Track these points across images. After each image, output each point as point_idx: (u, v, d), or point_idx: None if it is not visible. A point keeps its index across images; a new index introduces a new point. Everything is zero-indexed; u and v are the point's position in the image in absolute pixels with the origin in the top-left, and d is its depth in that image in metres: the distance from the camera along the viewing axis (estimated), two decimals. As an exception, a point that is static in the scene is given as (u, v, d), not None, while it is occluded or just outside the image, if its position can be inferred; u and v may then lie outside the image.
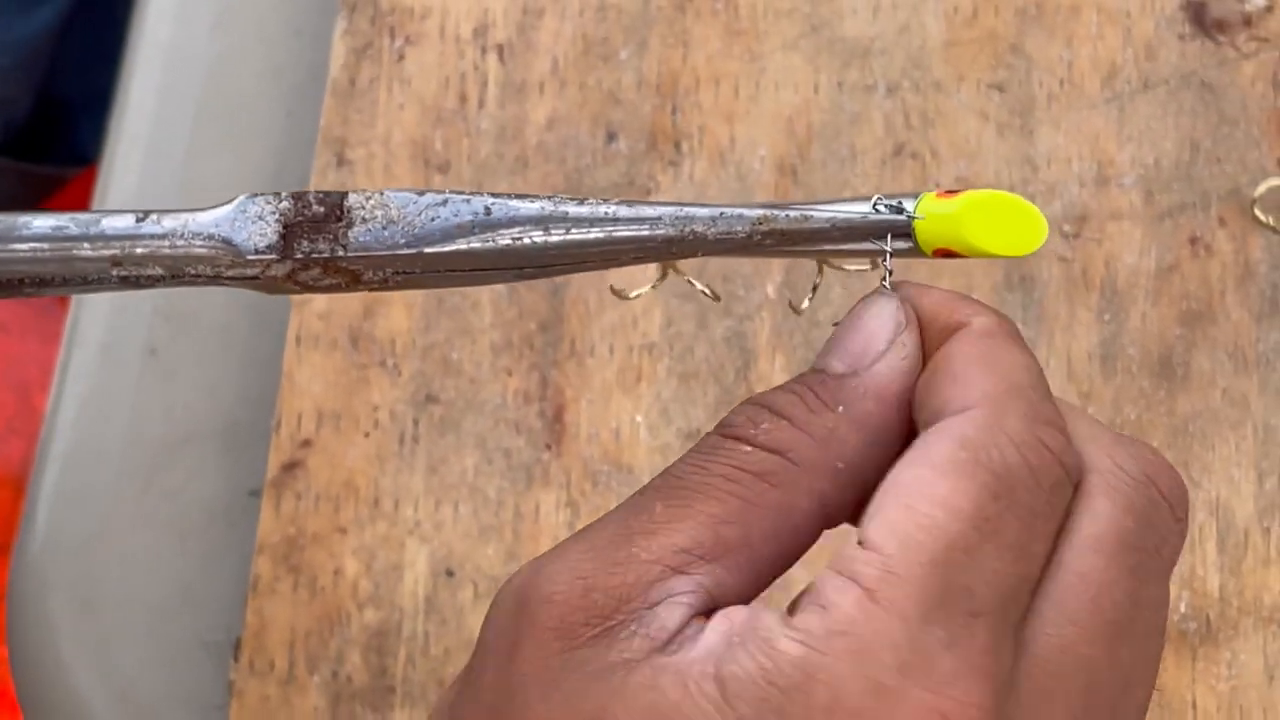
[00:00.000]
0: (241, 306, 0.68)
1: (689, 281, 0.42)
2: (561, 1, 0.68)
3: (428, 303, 0.64)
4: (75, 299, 0.70)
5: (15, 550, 0.67)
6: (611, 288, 0.44)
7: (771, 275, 0.63)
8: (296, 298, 0.65)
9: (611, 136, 0.66)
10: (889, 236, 0.39)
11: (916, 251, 0.39)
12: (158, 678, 0.65)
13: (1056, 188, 0.63)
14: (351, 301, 0.65)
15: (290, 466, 0.63)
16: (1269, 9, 0.64)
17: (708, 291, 0.44)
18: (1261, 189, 0.61)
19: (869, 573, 0.34)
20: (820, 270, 0.43)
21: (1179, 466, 0.57)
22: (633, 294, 0.44)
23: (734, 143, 0.65)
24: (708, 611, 0.35)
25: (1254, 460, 0.59)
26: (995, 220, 0.38)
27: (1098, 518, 0.36)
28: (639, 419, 0.62)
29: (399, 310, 0.64)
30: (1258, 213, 0.62)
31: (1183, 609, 0.58)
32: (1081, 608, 0.35)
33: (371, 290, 0.40)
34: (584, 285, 0.64)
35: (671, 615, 0.35)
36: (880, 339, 0.38)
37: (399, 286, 0.40)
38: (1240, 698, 0.57)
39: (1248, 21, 0.64)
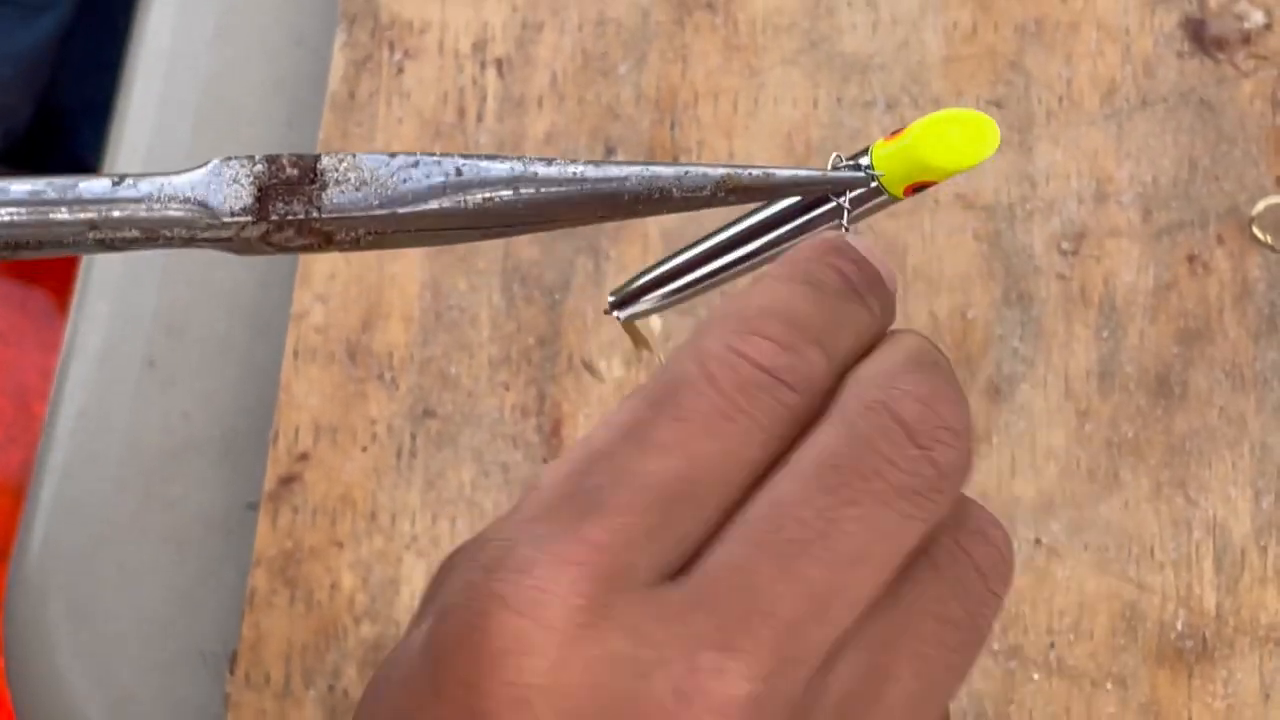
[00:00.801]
0: (240, 318, 0.68)
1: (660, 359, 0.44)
2: (561, 16, 0.68)
3: (425, 317, 0.64)
4: (74, 309, 0.70)
5: (13, 559, 0.67)
6: (582, 361, 0.44)
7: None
8: (295, 310, 0.65)
9: (610, 151, 0.66)
10: (846, 193, 0.40)
11: (888, 198, 0.40)
12: (154, 688, 0.65)
13: (1055, 204, 0.63)
14: (350, 315, 0.65)
15: (288, 480, 0.63)
16: (1268, 27, 0.64)
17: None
18: (1260, 207, 0.61)
19: (528, 492, 0.34)
20: (637, 345, 0.44)
21: (1175, 485, 0.57)
22: (603, 377, 0.46)
23: (733, 157, 0.65)
24: None
25: (1251, 479, 0.59)
26: (948, 136, 0.38)
27: (808, 444, 0.35)
28: (636, 434, 0.62)
29: (397, 324, 0.64)
30: (1256, 231, 0.62)
31: (1179, 627, 0.58)
32: (759, 523, 0.33)
33: (343, 250, 0.41)
34: (581, 299, 0.64)
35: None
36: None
37: (370, 246, 0.41)
38: (1236, 716, 0.57)
39: (1246, 39, 0.64)
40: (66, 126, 1.10)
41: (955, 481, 0.35)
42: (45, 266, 1.36)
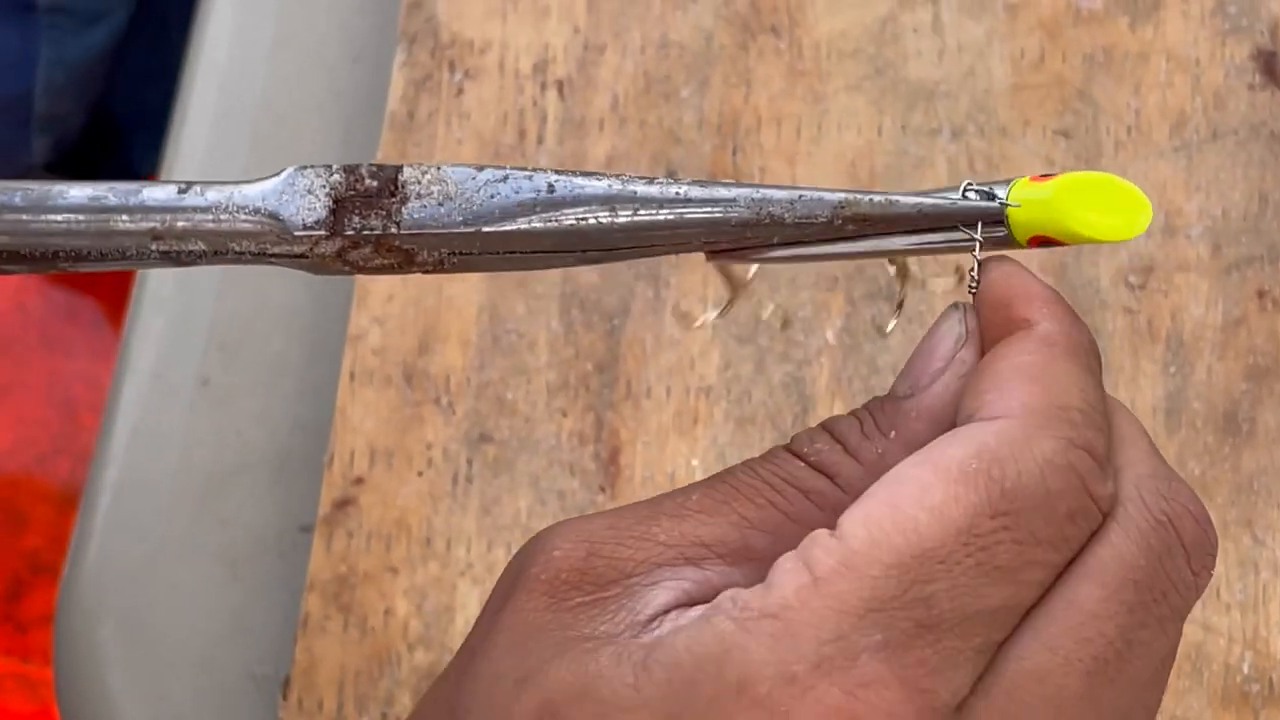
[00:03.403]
0: (295, 337, 0.68)
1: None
2: (623, 38, 0.67)
3: (483, 340, 0.64)
4: (128, 325, 0.70)
5: (65, 577, 0.67)
6: (675, 310, 0.41)
7: (831, 320, 0.62)
8: (351, 331, 0.65)
9: (671, 175, 0.65)
10: (979, 225, 0.37)
11: (1010, 241, 0.37)
12: (205, 709, 0.64)
13: (1122, 237, 0.62)
14: (407, 337, 0.64)
15: (342, 504, 0.63)
16: (1342, 60, 0.63)
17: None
18: (1332, 243, 0.61)
19: (825, 561, 0.32)
20: (901, 281, 0.41)
21: (1242, 524, 0.56)
22: (696, 323, 0.42)
23: (795, 184, 0.64)
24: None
25: (1320, 520, 0.59)
26: (1094, 202, 0.35)
27: (1105, 548, 0.34)
28: (695, 463, 0.62)
29: (454, 347, 0.64)
30: (1327, 267, 0.61)
31: (1245, 670, 0.57)
32: (1063, 634, 0.33)
33: (426, 272, 0.38)
34: (640, 326, 0.63)
35: (659, 598, 0.34)
36: (939, 356, 0.37)
37: (454, 269, 0.38)
38: (1302, 762, 0.57)
39: (1320, 72, 0.63)
40: (119, 135, 1.10)
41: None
42: (96, 275, 1.36)
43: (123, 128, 1.10)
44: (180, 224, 0.37)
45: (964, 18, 0.65)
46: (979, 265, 0.37)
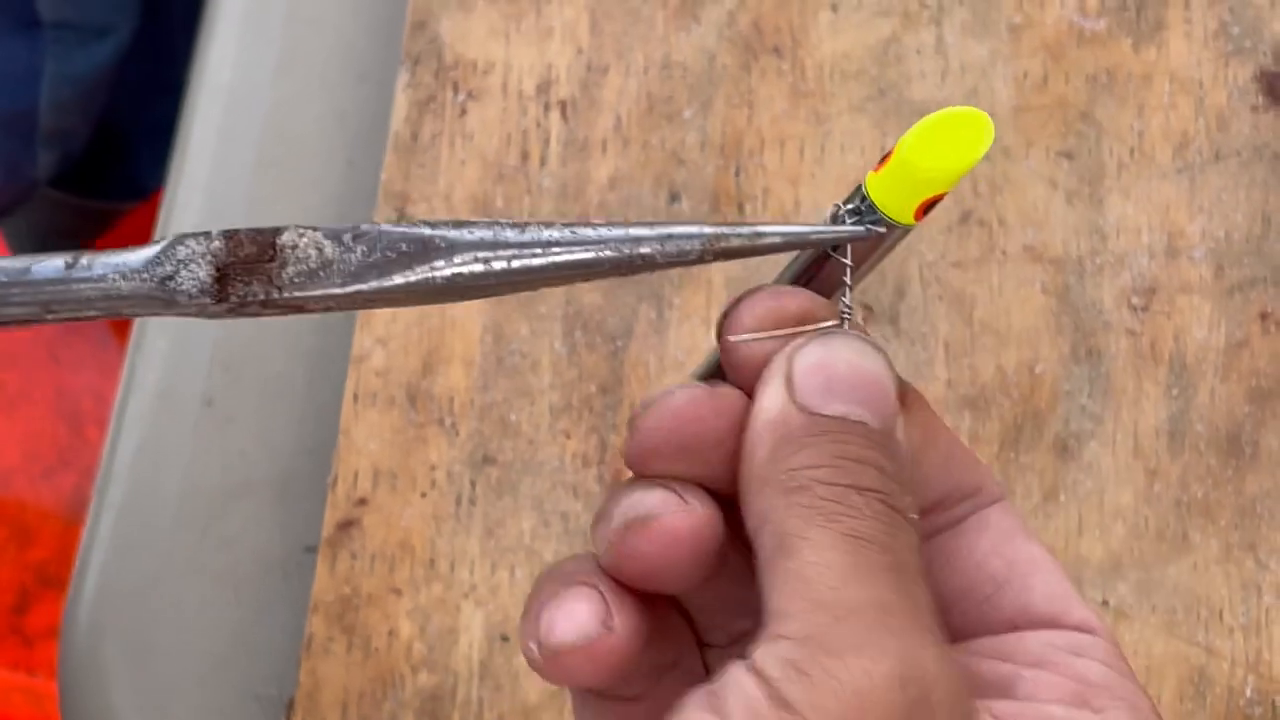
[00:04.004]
0: (299, 358, 0.68)
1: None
2: (626, 59, 0.67)
3: (487, 361, 0.64)
4: (132, 345, 0.70)
5: (69, 595, 0.67)
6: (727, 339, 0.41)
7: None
8: (355, 352, 0.65)
9: (674, 197, 0.65)
10: (847, 247, 0.37)
11: (898, 228, 0.37)
12: (209, 730, 0.64)
13: (1126, 258, 0.62)
14: (410, 359, 0.64)
15: (346, 525, 0.63)
16: (1345, 81, 0.63)
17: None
18: (1335, 266, 0.61)
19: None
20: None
21: (1245, 548, 0.56)
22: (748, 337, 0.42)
23: (798, 205, 0.65)
24: None
25: (1323, 543, 0.58)
26: (933, 147, 0.36)
27: None
28: (698, 484, 0.62)
29: (458, 369, 0.64)
30: (1330, 290, 0.61)
31: (1248, 693, 0.57)
32: None
33: (319, 313, 0.39)
34: (644, 348, 0.63)
35: None
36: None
37: (349, 308, 0.39)
38: (1305, 785, 0.57)
39: (1323, 94, 0.63)
40: (124, 149, 1.10)
41: None
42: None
43: (128, 142, 1.10)
44: (70, 298, 0.38)
45: (967, 39, 0.65)
46: (849, 290, 0.38)
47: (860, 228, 0.37)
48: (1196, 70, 0.64)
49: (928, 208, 0.37)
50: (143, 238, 0.76)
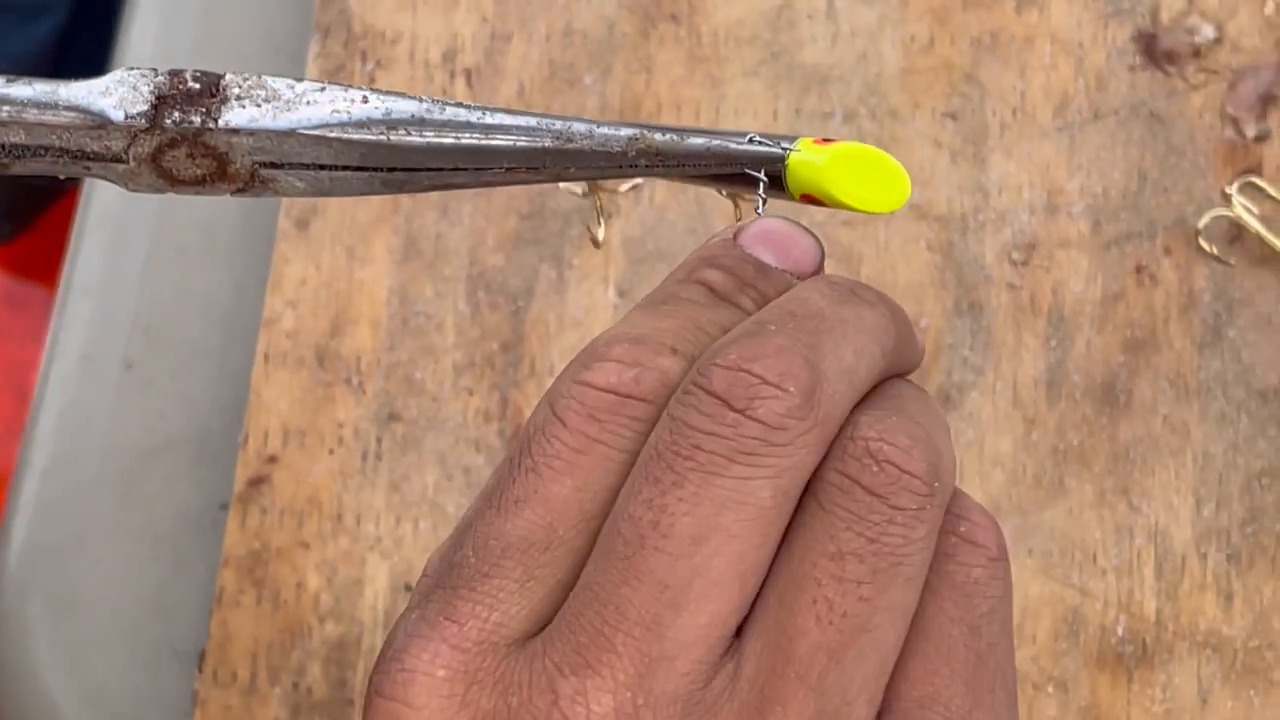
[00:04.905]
0: (215, 321, 0.70)
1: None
2: (528, 27, 0.69)
3: (393, 322, 0.66)
4: (56, 310, 0.72)
5: (-5, 555, 0.69)
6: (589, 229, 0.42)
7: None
8: (266, 315, 0.66)
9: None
10: (761, 169, 0.39)
11: (784, 193, 0.39)
12: (129, 684, 0.66)
13: (1007, 215, 0.64)
14: (319, 320, 0.66)
15: (256, 482, 0.65)
16: (1218, 41, 0.65)
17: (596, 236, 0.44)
18: (1206, 219, 0.62)
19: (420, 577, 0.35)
20: (598, 200, 0.43)
21: (1118, 492, 0.58)
22: (601, 234, 0.44)
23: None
24: None
25: (1193, 487, 0.60)
26: (861, 174, 0.37)
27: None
28: (596, 438, 0.64)
29: (365, 329, 0.66)
30: (1202, 242, 0.63)
31: (1120, 632, 0.59)
32: (602, 539, 0.34)
33: (235, 191, 0.39)
34: (544, 306, 0.65)
35: None
36: (807, 256, 0.38)
37: (261, 187, 0.39)
38: None
39: (1197, 53, 0.65)
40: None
41: (798, 425, 0.33)
42: (43, 263, 1.38)
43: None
44: (2, 112, 0.38)
45: (856, 4, 0.67)
46: (763, 204, 0.39)
47: (776, 149, 0.38)
48: (1077, 32, 0.66)
49: (811, 201, 0.38)
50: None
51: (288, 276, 0.67)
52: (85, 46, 1.04)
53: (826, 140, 0.38)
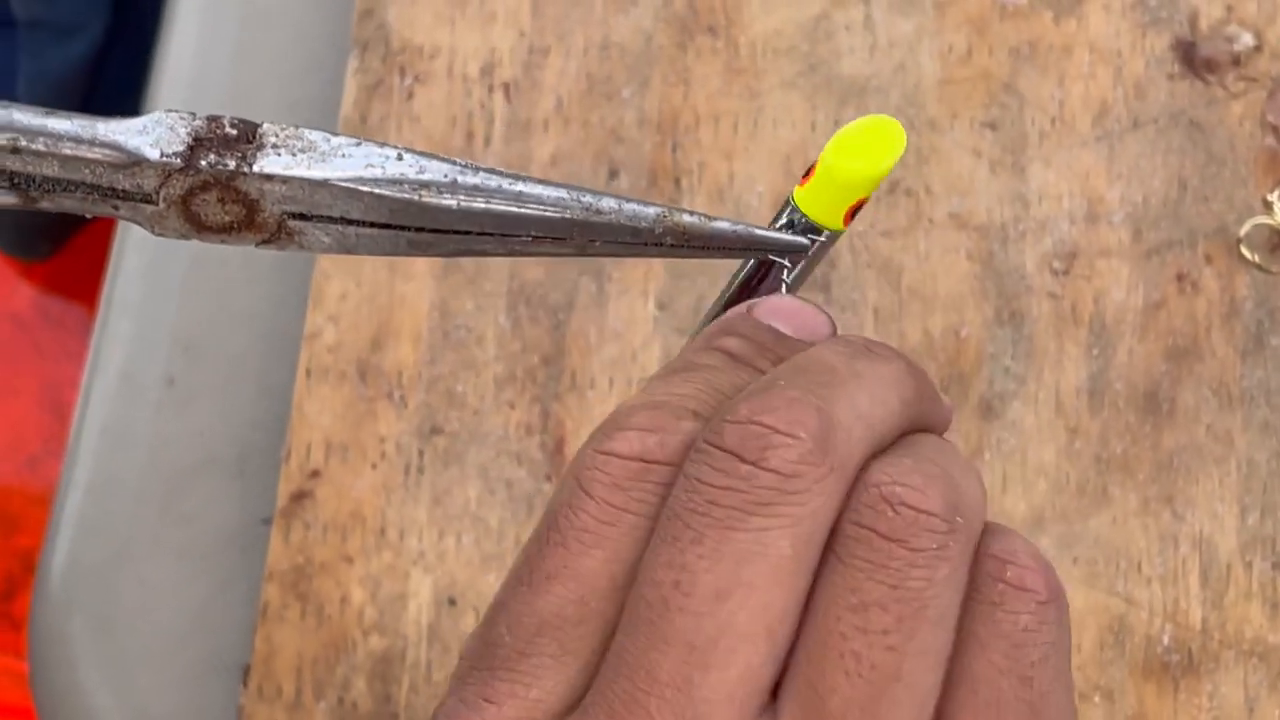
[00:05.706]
0: (255, 337, 0.70)
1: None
2: (566, 41, 0.69)
3: (434, 336, 0.66)
4: (98, 328, 0.72)
5: (37, 574, 0.69)
6: None
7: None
8: (307, 330, 0.67)
9: (614, 173, 0.67)
10: (785, 256, 0.40)
11: (834, 235, 0.40)
12: (172, 700, 0.66)
13: (1047, 224, 0.64)
14: (360, 335, 0.66)
15: (299, 496, 0.65)
16: (1257, 49, 0.65)
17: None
18: (1247, 227, 0.62)
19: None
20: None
21: (1163, 501, 0.58)
22: None
23: (732, 179, 0.67)
24: None
25: (1237, 495, 0.60)
26: (852, 154, 0.38)
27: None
28: (637, 451, 0.64)
29: (406, 343, 0.66)
30: (1244, 250, 0.62)
31: (1166, 641, 0.59)
32: (629, 605, 0.34)
33: (259, 242, 0.39)
34: (585, 320, 0.65)
35: None
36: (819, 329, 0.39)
37: (286, 239, 0.39)
38: (1222, 729, 0.58)
39: (1236, 61, 0.65)
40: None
41: (813, 472, 0.33)
42: (79, 281, 1.39)
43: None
44: (39, 144, 0.38)
45: (894, 15, 0.67)
46: (786, 286, 0.40)
47: (801, 237, 0.39)
48: (1115, 40, 0.66)
49: (854, 212, 0.39)
50: (112, 236, 0.78)
51: (328, 292, 0.67)
52: (121, 64, 1.04)
53: (807, 172, 0.39)
